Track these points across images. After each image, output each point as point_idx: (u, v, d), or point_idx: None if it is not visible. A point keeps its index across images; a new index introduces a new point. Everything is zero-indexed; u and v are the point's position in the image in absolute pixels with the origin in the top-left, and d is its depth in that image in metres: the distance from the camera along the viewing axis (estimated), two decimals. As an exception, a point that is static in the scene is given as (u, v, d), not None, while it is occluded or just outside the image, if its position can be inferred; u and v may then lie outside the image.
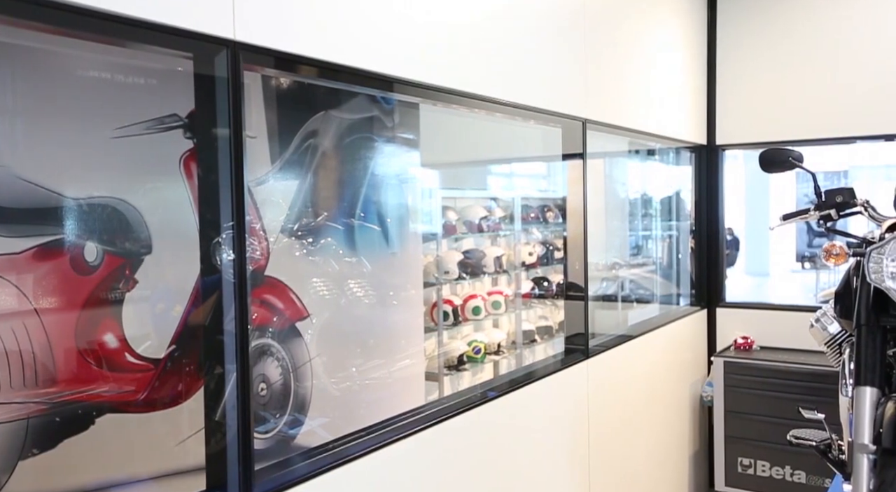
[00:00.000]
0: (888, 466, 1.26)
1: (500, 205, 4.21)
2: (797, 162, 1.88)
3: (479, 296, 3.91)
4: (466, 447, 2.41)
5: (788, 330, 3.89)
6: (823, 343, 1.91)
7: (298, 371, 2.29)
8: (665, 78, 4.11)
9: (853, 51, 4.04)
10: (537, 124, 3.09)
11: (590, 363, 3.19)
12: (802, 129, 4.12)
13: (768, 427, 3.81)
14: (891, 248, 1.46)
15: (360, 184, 2.67)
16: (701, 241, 4.62)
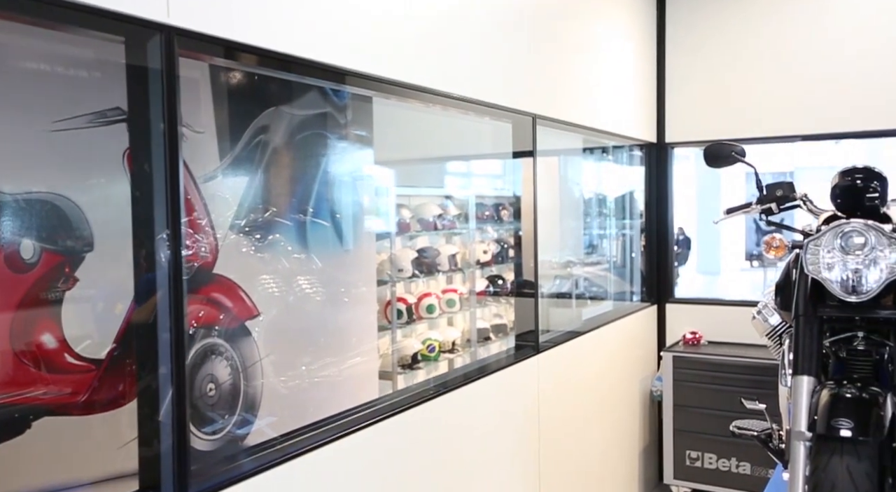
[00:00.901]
0: (822, 451, 1.30)
1: (455, 203, 4.22)
2: (739, 156, 1.92)
3: (433, 294, 3.91)
4: (416, 443, 2.40)
5: (735, 325, 3.96)
6: (765, 334, 1.95)
7: (248, 371, 2.25)
8: (615, 75, 4.16)
9: (799, 51, 4.13)
10: (488, 119, 3.09)
11: (540, 358, 3.21)
12: (749, 127, 4.19)
13: (715, 420, 3.88)
14: (826, 239, 1.50)
15: (312, 181, 2.64)
16: (651, 238, 4.69)
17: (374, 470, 2.20)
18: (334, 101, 2.68)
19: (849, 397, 1.36)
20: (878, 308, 1.51)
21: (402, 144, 3.76)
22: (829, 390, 1.39)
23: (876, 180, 1.58)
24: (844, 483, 1.24)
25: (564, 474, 3.48)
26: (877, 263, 1.46)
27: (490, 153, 3.46)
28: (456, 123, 3.65)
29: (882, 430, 1.30)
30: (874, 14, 3.95)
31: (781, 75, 4.17)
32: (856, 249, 1.47)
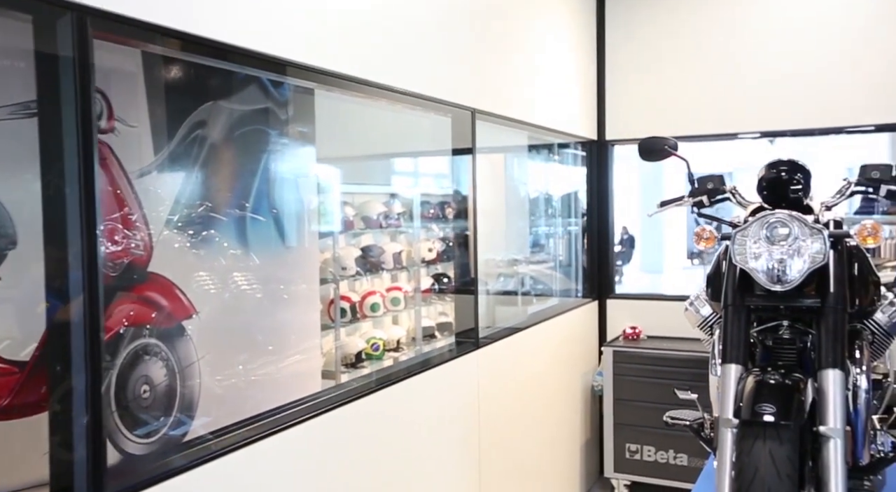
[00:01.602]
0: (746, 437, 1.34)
1: (401, 201, 4.21)
2: (672, 150, 1.97)
3: (377, 292, 3.89)
4: (353, 438, 2.38)
5: (674, 319, 4.04)
6: (697, 325, 2.00)
7: (185, 371, 2.20)
8: (555, 72, 4.20)
9: (734, 50, 4.25)
10: (427, 113, 3.08)
11: (480, 354, 3.22)
12: (689, 125, 4.29)
13: (654, 413, 3.96)
14: (753, 230, 1.55)
15: (252, 177, 2.59)
16: (592, 234, 4.76)
17: (310, 466, 2.18)
18: (275, 96, 2.64)
19: (772, 383, 1.40)
20: (801, 297, 1.57)
21: (346, 140, 3.73)
22: (754, 377, 1.44)
23: (800, 173, 1.64)
24: (767, 467, 1.28)
25: (505, 469, 3.50)
26: (800, 254, 1.51)
27: (432, 150, 3.46)
28: (398, 120, 3.64)
29: (803, 414, 1.35)
30: (806, 15, 4.08)
31: (718, 74, 4.28)
32: (780, 240, 1.52)
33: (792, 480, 1.28)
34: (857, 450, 1.66)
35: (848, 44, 3.97)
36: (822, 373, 1.48)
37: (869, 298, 1.78)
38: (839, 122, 4.00)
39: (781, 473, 1.28)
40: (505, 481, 3.50)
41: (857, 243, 1.74)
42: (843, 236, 1.58)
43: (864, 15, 3.94)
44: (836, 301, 1.54)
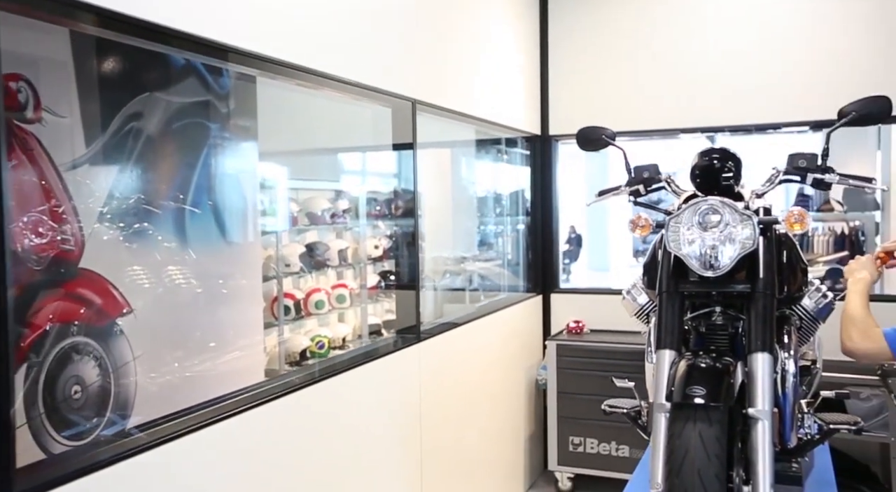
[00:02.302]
0: (677, 419, 1.37)
1: (346, 198, 4.18)
2: (609, 139, 2.00)
3: (322, 290, 3.84)
4: (289, 431, 2.35)
5: (617, 313, 4.11)
6: (633, 314, 2.04)
7: (120, 370, 2.13)
8: (498, 65, 4.21)
9: (679, 46, 4.33)
10: (367, 104, 3.04)
11: (422, 347, 3.22)
12: (631, 120, 4.35)
13: (596, 406, 3.94)
14: (686, 216, 1.58)
15: (191, 172, 2.54)
16: (536, 228, 4.80)
17: (243, 459, 2.14)
18: (215, 88, 2.59)
19: (703, 367, 1.44)
20: (732, 283, 1.61)
21: (289, 135, 3.68)
22: (686, 361, 1.47)
23: (731, 161, 1.69)
24: (696, 448, 1.31)
25: (448, 463, 3.50)
26: (731, 240, 1.55)
27: (375, 144, 3.43)
28: (341, 113, 3.61)
29: (732, 396, 1.39)
30: (747, 14, 4.18)
31: (660, 71, 4.36)
32: (712, 226, 1.56)
33: (720, 460, 1.31)
34: (785, 433, 1.71)
35: (786, 42, 4.08)
36: (752, 357, 1.52)
37: (797, 285, 1.84)
38: (776, 118, 4.11)
39: (710, 453, 1.31)
40: (448, 476, 3.50)
41: (786, 231, 1.79)
42: (772, 223, 1.64)
43: (802, 14, 4.07)
44: (766, 287, 1.59)
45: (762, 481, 1.42)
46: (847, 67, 3.91)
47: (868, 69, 3.84)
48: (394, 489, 3.02)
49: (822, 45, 4.00)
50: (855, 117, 1.73)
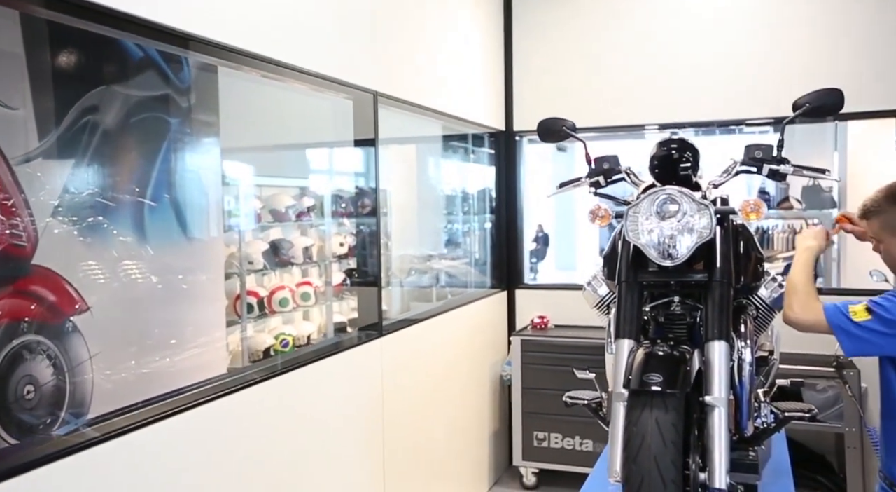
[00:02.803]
0: (635, 407, 1.38)
1: (311, 195, 4.14)
2: (570, 131, 2.01)
3: (286, 287, 3.80)
4: (249, 424, 2.32)
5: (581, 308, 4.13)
6: (594, 305, 2.05)
7: (76, 369, 2.09)
8: (462, 59, 4.19)
9: (644, 42, 4.37)
10: (328, 95, 2.99)
11: (384, 341, 3.20)
12: (595, 116, 4.36)
13: (560, 401, 4.00)
14: (644, 206, 1.60)
15: (151, 167, 2.49)
16: (501, 223, 4.81)
17: (200, 452, 2.11)
18: (175, 82, 2.55)
19: (660, 355, 1.45)
20: (690, 273, 1.63)
21: (251, 130, 3.64)
22: (644, 349, 1.48)
23: (689, 151, 1.70)
24: (653, 434, 1.32)
25: (412, 459, 3.48)
26: (689, 229, 1.56)
27: (338, 140, 3.39)
28: (304, 108, 3.57)
29: (688, 383, 1.41)
30: (713, 10, 4.22)
31: (625, 66, 4.38)
32: (670, 216, 1.57)
33: (676, 446, 1.32)
34: (742, 422, 1.74)
35: (751, 40, 4.13)
36: (708, 345, 1.54)
37: (754, 275, 1.87)
38: (740, 115, 4.16)
39: (667, 439, 1.32)
40: (412, 471, 3.49)
41: (743, 222, 1.82)
42: (728, 213, 1.66)
43: (768, 10, 4.12)
44: (722, 276, 1.61)
45: (718, 468, 1.44)
46: (812, 64, 3.97)
47: (832, 66, 3.91)
48: (357, 485, 3.00)
49: (787, 42, 4.06)
50: (809, 109, 1.76)
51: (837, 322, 1.87)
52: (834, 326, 1.88)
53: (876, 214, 1.99)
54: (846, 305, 1.88)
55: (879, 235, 2.00)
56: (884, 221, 1.98)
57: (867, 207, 2.02)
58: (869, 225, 2.03)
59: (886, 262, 2.04)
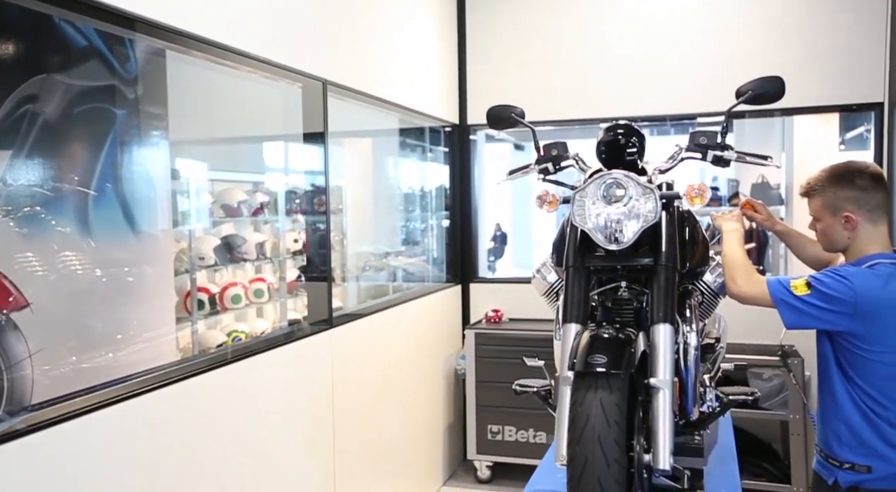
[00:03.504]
0: (579, 388, 1.38)
1: (264, 190, 4.09)
2: (519, 118, 2.01)
3: (239, 284, 3.75)
4: (189, 417, 2.26)
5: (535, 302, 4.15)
6: (543, 293, 2.05)
7: (15, 366, 2.01)
8: (415, 50, 4.16)
9: (598, 36, 4.38)
10: (277, 83, 2.91)
11: (334, 333, 3.15)
12: (549, 110, 4.37)
13: (514, 394, 4.02)
14: (591, 190, 1.60)
15: (95, 158, 2.43)
16: (455, 216, 4.80)
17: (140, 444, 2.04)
18: (121, 73, 2.49)
19: (605, 337, 1.46)
20: (637, 257, 1.65)
21: (202, 124, 3.58)
22: (589, 332, 1.49)
23: (635, 136, 1.72)
24: (597, 415, 1.33)
25: (364, 453, 3.44)
26: (635, 213, 1.58)
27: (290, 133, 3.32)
28: (255, 102, 3.52)
29: (632, 364, 1.42)
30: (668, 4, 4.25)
31: (579, 60, 4.39)
32: (616, 200, 1.58)
33: (620, 426, 1.33)
34: (688, 406, 1.76)
35: (704, 34, 4.18)
36: (653, 328, 1.56)
37: (699, 260, 1.90)
38: (694, 109, 4.22)
39: (610, 420, 1.33)
40: (364, 466, 3.44)
41: (688, 208, 1.85)
42: (674, 197, 1.68)
43: (715, 9, 4.19)
44: (667, 259, 1.63)
45: (662, 449, 1.45)
46: (760, 60, 4.03)
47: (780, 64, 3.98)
48: (306, 478, 2.95)
49: (736, 39, 4.13)
50: (751, 96, 1.80)
51: (779, 295, 1.92)
52: (776, 300, 1.92)
53: (817, 193, 2.05)
54: (788, 279, 1.94)
55: (819, 213, 2.06)
56: (824, 200, 2.03)
57: (810, 186, 2.08)
58: (810, 203, 2.08)
59: (821, 241, 2.10)
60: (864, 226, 1.98)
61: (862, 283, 1.86)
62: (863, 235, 1.98)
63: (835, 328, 1.92)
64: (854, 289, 1.85)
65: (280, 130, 3.57)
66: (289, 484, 2.80)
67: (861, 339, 1.89)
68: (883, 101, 3.83)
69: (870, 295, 1.85)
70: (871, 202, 1.97)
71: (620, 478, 1.31)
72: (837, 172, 2.02)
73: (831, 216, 2.01)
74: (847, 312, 1.86)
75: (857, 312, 1.85)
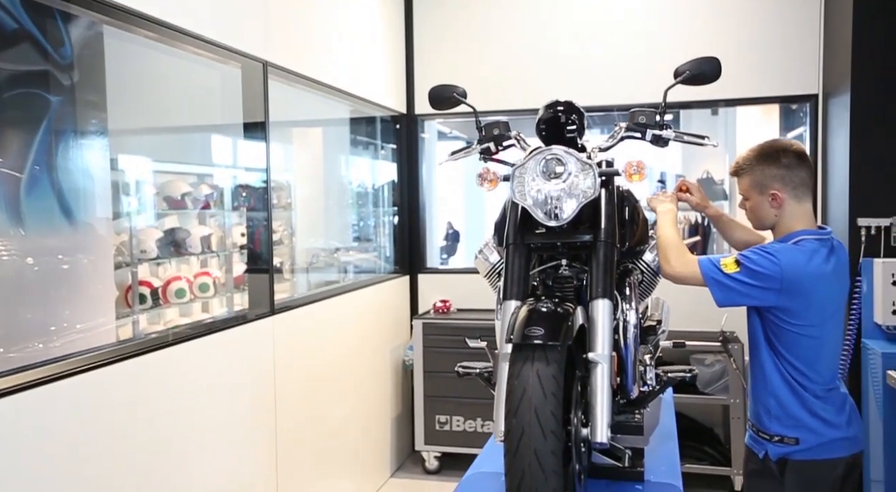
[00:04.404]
0: (516, 361, 1.38)
1: (208, 182, 4.01)
2: (461, 97, 2.00)
3: (183, 278, 3.66)
4: (128, 400, 2.19)
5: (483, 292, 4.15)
6: (485, 274, 2.05)
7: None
8: (361, 36, 4.10)
9: (545, 27, 4.39)
10: (214, 62, 2.84)
11: (276, 320, 3.09)
12: (497, 100, 4.33)
13: (461, 384, 4.01)
14: (531, 166, 1.60)
15: (27, 147, 2.35)
16: (402, 207, 4.77)
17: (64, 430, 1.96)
18: (56, 58, 2.41)
19: (543, 310, 1.46)
20: (577, 234, 1.65)
21: (142, 112, 3.49)
22: (527, 306, 1.49)
23: (575, 114, 1.73)
24: (534, 386, 1.33)
25: (308, 444, 3.38)
26: (574, 189, 1.58)
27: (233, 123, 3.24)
28: (195, 91, 3.45)
29: (569, 337, 1.42)
30: None
31: (525, 50, 4.40)
32: (555, 176, 1.59)
33: (557, 398, 1.34)
34: (628, 384, 1.78)
35: (651, 25, 4.24)
36: (592, 303, 1.57)
37: (638, 239, 1.93)
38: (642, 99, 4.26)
39: (547, 391, 1.33)
40: (308, 458, 3.38)
41: (629, 188, 1.87)
42: (613, 174, 1.70)
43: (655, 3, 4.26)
44: (606, 236, 1.64)
45: (600, 422, 1.46)
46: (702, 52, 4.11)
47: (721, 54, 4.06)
48: (245, 467, 2.87)
49: (678, 29, 4.19)
50: (689, 76, 1.83)
51: (711, 274, 1.96)
52: (707, 278, 1.96)
53: (746, 172, 2.10)
54: (718, 258, 1.98)
55: (748, 192, 2.11)
56: (752, 178, 2.09)
57: (739, 165, 2.13)
58: (740, 182, 2.14)
59: (750, 219, 2.16)
60: (789, 203, 2.04)
61: (787, 259, 1.91)
62: (788, 213, 2.04)
63: (763, 304, 1.97)
64: (780, 265, 1.90)
65: (220, 118, 3.50)
66: (228, 472, 2.73)
67: (788, 313, 1.94)
68: (817, 92, 3.96)
69: (795, 270, 1.90)
70: (796, 179, 2.03)
71: (557, 449, 1.31)
72: (764, 152, 2.08)
73: (759, 194, 2.07)
74: (774, 287, 1.91)
75: (784, 288, 1.91)
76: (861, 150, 3.43)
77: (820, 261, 1.93)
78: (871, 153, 3.41)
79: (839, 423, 1.97)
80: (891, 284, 3.18)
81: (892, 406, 3.00)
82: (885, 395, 3.04)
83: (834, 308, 1.99)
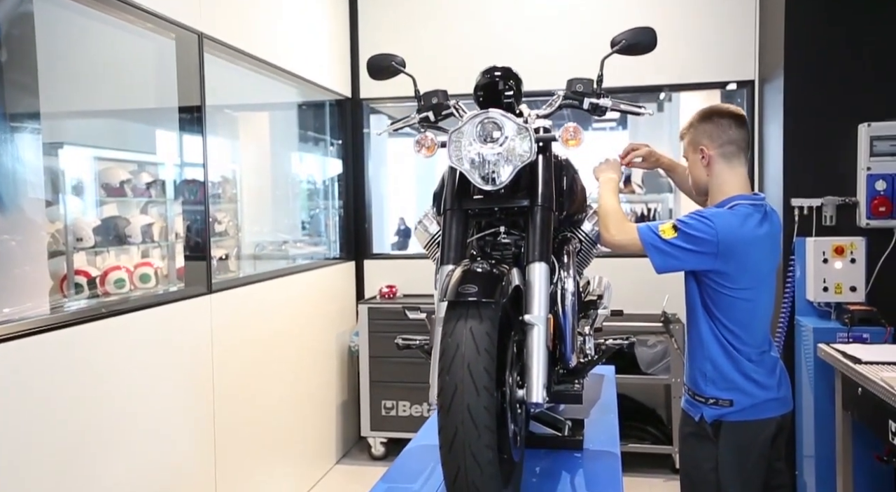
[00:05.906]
0: (450, 319, 1.38)
1: (149, 170, 3.92)
2: (399, 67, 1.98)
3: (122, 268, 3.56)
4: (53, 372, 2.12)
5: (430, 278, 4.13)
6: (424, 245, 2.04)
7: None
8: (305, 15, 4.03)
9: (491, 11, 4.41)
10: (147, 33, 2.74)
11: (214, 298, 3.01)
12: (443, 82, 4.30)
13: (408, 369, 4.04)
14: (468, 130, 1.60)
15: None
16: (348, 192, 4.72)
17: None
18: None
19: (479, 270, 1.46)
20: (515, 200, 1.66)
21: (76, 95, 3.39)
22: (462, 267, 1.48)
23: (512, 79, 1.73)
24: (467, 343, 1.32)
25: (249, 429, 3.31)
26: (511, 153, 1.58)
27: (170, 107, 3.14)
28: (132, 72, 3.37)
29: (504, 295, 1.43)
30: None
31: (471, 34, 4.40)
32: (492, 140, 1.59)
33: (490, 354, 1.33)
34: (567, 354, 1.79)
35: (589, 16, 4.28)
36: (529, 267, 1.58)
37: (577, 208, 1.95)
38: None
39: (480, 348, 1.33)
40: (249, 444, 3.32)
41: (568, 157, 1.88)
42: (550, 140, 1.70)
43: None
44: (543, 200, 1.65)
45: (536, 383, 1.47)
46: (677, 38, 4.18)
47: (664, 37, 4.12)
48: (180, 450, 2.78)
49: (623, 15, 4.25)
50: (625, 45, 1.85)
51: (649, 240, 1.99)
52: (646, 245, 1.99)
53: (687, 133, 2.16)
54: (657, 224, 2.02)
55: (686, 152, 2.17)
56: (691, 137, 2.14)
57: (683, 128, 2.18)
58: (684, 145, 2.17)
59: (691, 184, 2.20)
60: (718, 162, 2.07)
61: (722, 222, 1.96)
62: (719, 175, 2.08)
63: (701, 268, 2.01)
64: (716, 228, 1.95)
65: (156, 101, 3.40)
66: (160, 453, 2.64)
67: (723, 277, 1.99)
68: (754, 79, 4.07)
69: (729, 234, 1.95)
70: (724, 137, 2.07)
71: (490, 406, 1.31)
72: (703, 112, 2.14)
73: (693, 153, 2.12)
74: (710, 252, 1.95)
75: (720, 252, 1.95)
76: (794, 133, 3.55)
77: (753, 225, 1.98)
78: (803, 136, 3.52)
79: (770, 385, 2.03)
80: (822, 262, 3.29)
81: (823, 377, 3.11)
82: (815, 367, 3.15)
83: (766, 271, 2.05)
